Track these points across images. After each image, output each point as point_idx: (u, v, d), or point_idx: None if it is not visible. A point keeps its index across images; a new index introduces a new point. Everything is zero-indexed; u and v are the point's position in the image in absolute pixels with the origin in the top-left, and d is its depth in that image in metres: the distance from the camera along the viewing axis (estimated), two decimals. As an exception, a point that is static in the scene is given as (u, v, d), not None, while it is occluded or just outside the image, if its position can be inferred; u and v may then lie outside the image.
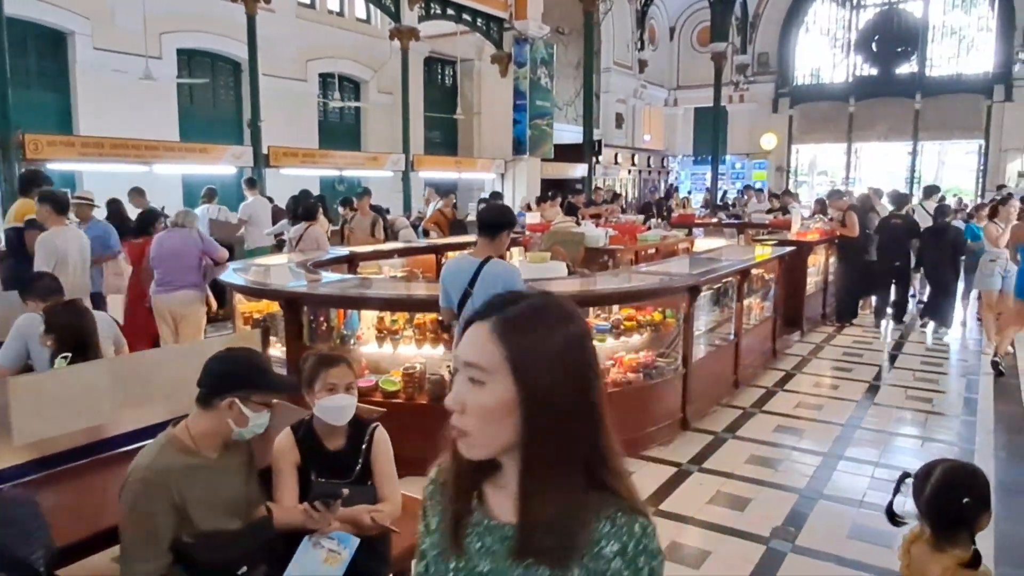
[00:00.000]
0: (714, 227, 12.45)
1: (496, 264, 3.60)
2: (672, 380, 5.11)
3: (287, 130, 12.56)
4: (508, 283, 3.51)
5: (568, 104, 22.83)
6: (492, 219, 3.73)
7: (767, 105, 27.90)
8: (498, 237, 3.68)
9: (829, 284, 9.77)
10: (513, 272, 3.59)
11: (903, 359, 7.55)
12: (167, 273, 5.85)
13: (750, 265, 6.34)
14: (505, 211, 3.83)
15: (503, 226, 3.68)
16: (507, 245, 3.77)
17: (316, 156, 12.35)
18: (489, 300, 1.09)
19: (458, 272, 3.69)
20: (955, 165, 27.22)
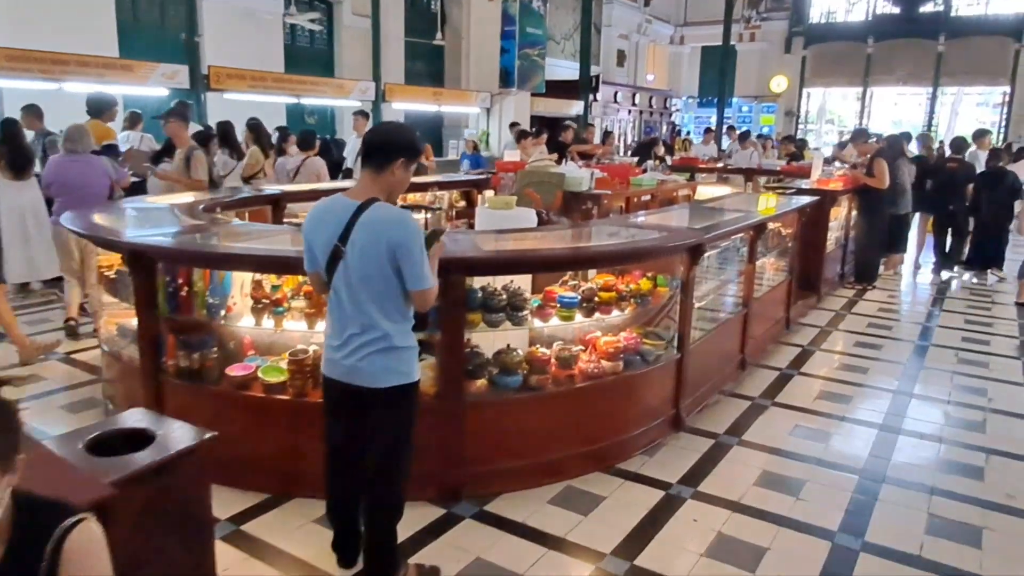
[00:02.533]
0: (720, 172, 11.10)
1: (380, 210, 2.38)
2: (662, 368, 3.89)
3: (245, 52, 11.06)
4: (397, 240, 2.32)
5: (566, 38, 21.11)
6: (380, 141, 2.46)
7: (779, 45, 26.18)
8: (387, 169, 2.42)
9: (849, 241, 8.50)
10: (405, 224, 2.36)
11: (947, 329, 6.35)
12: (73, 202, 5.06)
13: (768, 219, 5.05)
14: (401, 131, 2.54)
15: (397, 152, 2.43)
16: (406, 183, 2.50)
17: (268, 80, 10.85)
18: None
19: (324, 221, 2.45)
20: (968, 116, 25.59)
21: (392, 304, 2.41)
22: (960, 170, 8.53)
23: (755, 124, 25.86)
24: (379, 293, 2.37)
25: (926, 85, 24.33)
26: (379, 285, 2.36)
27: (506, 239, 3.82)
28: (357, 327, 2.42)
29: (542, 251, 3.48)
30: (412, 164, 2.48)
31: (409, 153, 2.45)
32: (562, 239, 3.95)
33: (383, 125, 3.04)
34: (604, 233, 4.04)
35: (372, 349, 2.41)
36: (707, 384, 4.53)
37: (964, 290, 8.25)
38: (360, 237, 2.34)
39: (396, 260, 2.32)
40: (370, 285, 2.37)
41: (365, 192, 2.42)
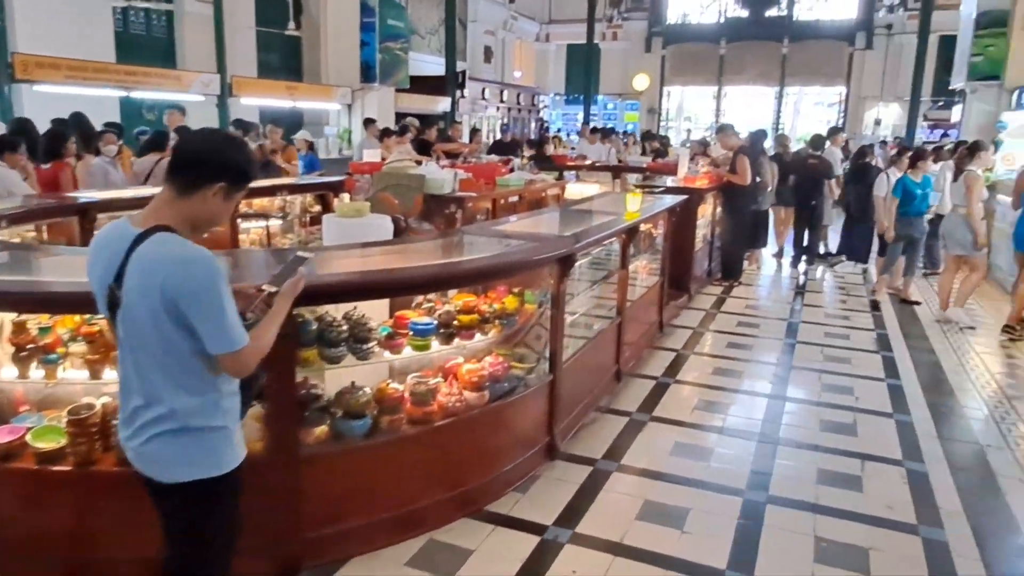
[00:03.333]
0: (588, 170, 10.98)
1: (159, 245, 1.77)
2: (534, 393, 3.50)
3: (67, 39, 9.70)
4: (177, 288, 1.74)
5: (431, 33, 20.54)
6: (192, 156, 1.87)
7: (640, 44, 26.88)
8: (195, 194, 1.83)
9: (715, 238, 8.56)
10: (190, 265, 1.76)
11: (809, 326, 6.41)
12: None
13: (640, 221, 4.79)
14: (226, 147, 1.91)
15: (214, 174, 1.83)
16: (220, 217, 1.92)
17: (89, 71, 9.58)
18: None
19: (99, 254, 1.86)
20: (808, 114, 27.46)
21: (183, 371, 1.82)
22: (819, 167, 8.85)
23: (620, 121, 26.47)
24: (160, 357, 1.81)
25: (773, 85, 25.77)
26: (157, 347, 1.80)
27: (352, 255, 3.30)
28: (141, 398, 1.85)
29: (389, 273, 2.96)
30: (235, 194, 1.89)
31: (232, 178, 1.85)
32: (418, 255, 3.45)
33: (202, 134, 2.18)
34: (465, 245, 3.60)
35: (159, 430, 1.83)
36: (582, 403, 4.20)
37: (821, 283, 8.52)
38: (133, 281, 1.76)
39: (181, 314, 1.75)
40: (147, 346, 1.80)
41: (153, 217, 1.81)
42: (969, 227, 6.35)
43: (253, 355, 1.86)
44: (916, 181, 6.92)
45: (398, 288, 2.94)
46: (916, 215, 6.98)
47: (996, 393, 4.97)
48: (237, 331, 1.80)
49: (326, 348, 2.72)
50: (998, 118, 9.77)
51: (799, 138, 23.95)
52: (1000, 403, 4.78)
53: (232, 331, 1.79)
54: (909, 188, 6.89)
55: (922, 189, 6.92)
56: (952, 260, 6.75)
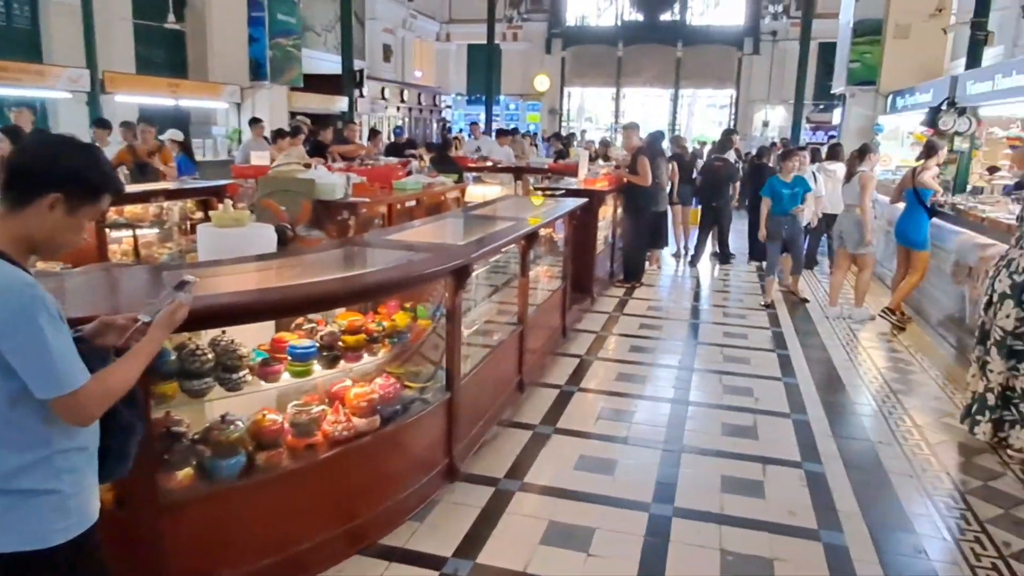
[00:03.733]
0: (489, 171, 10.84)
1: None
2: (430, 413, 3.29)
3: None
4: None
5: (327, 29, 19.88)
6: (24, 164, 1.59)
7: (540, 45, 27.05)
8: (26, 208, 1.56)
9: (616, 239, 8.59)
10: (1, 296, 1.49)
11: (710, 328, 6.48)
12: None
13: (540, 226, 4.65)
14: (65, 153, 1.61)
15: (49, 184, 1.56)
16: (63, 237, 1.61)
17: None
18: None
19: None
20: (701, 115, 28.53)
21: (3, 422, 1.53)
22: (724, 169, 9.13)
23: (522, 122, 26.56)
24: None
25: (669, 87, 26.51)
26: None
27: (225, 271, 2.98)
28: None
29: (261, 294, 2.67)
30: (82, 207, 1.60)
31: (71, 188, 1.56)
32: (298, 270, 3.16)
33: (36, 139, 1.85)
34: (353, 258, 3.34)
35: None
36: (483, 418, 4.02)
37: (721, 282, 8.71)
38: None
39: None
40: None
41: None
42: (862, 224, 6.60)
43: (95, 399, 1.56)
44: (785, 181, 7.12)
45: (267, 310, 2.64)
46: (781, 214, 7.15)
47: (883, 388, 5.14)
48: (68, 370, 1.50)
49: (188, 380, 2.41)
50: (875, 121, 10.31)
51: (694, 139, 24.84)
52: (887, 398, 4.94)
53: (60, 370, 1.49)
54: (776, 188, 7.12)
55: (790, 189, 7.11)
56: (843, 257, 7.01)
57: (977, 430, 4.24)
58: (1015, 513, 3.43)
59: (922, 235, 6.44)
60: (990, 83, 6.45)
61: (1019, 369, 4.08)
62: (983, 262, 5.58)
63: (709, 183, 9.25)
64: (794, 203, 7.11)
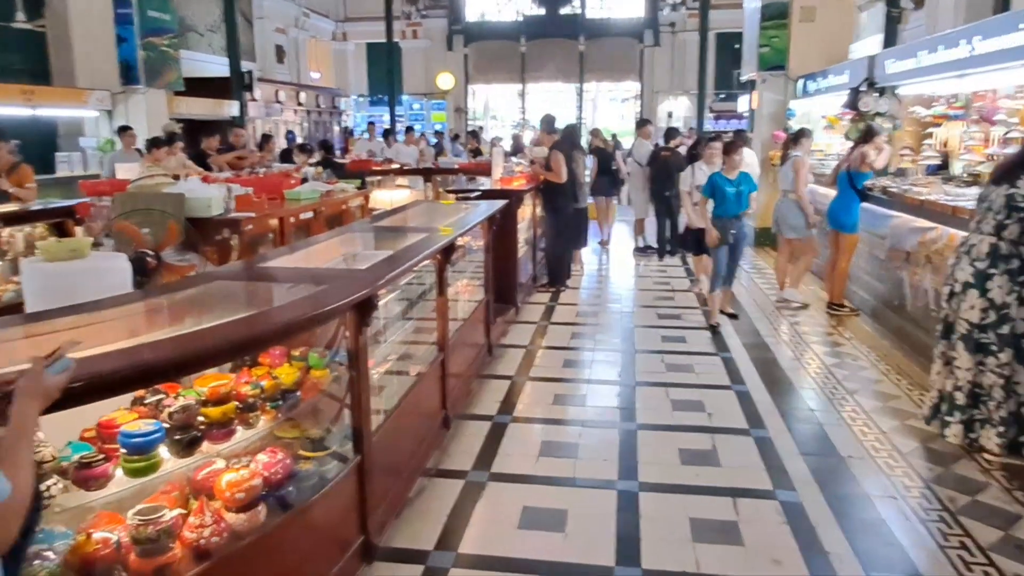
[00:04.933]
0: (396, 174, 10.09)
1: None
2: (336, 486, 2.57)
3: None
4: None
5: (212, 30, 18.47)
6: None
7: (441, 42, 26.33)
8: None
9: (537, 240, 8.04)
10: None
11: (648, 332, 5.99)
12: None
13: (457, 236, 3.97)
14: None
15: None
16: None
17: None
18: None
19: None
20: (605, 108, 28.55)
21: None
22: (673, 159, 8.85)
23: (428, 121, 25.78)
24: None
25: (573, 81, 26.35)
26: None
27: (32, 329, 2.18)
28: None
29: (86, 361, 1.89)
30: None
31: None
32: (139, 319, 2.38)
33: None
34: (216, 296, 2.58)
35: None
36: (404, 474, 3.34)
37: (643, 278, 8.28)
38: None
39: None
40: None
41: None
42: (800, 210, 6.41)
43: (13, 514, 1.15)
44: (729, 178, 6.02)
45: (93, 389, 1.87)
46: (730, 216, 6.00)
47: (837, 389, 4.76)
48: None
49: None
50: (786, 106, 10.19)
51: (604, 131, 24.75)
52: (844, 399, 4.56)
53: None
54: (719, 186, 6.00)
55: (734, 187, 5.98)
56: (785, 243, 6.80)
57: (948, 432, 3.88)
58: (1017, 535, 3.04)
59: (853, 218, 6.22)
60: (913, 60, 6.25)
61: (986, 364, 3.73)
62: (922, 246, 5.32)
63: (659, 173, 8.99)
64: (740, 204, 5.99)
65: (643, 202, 9.67)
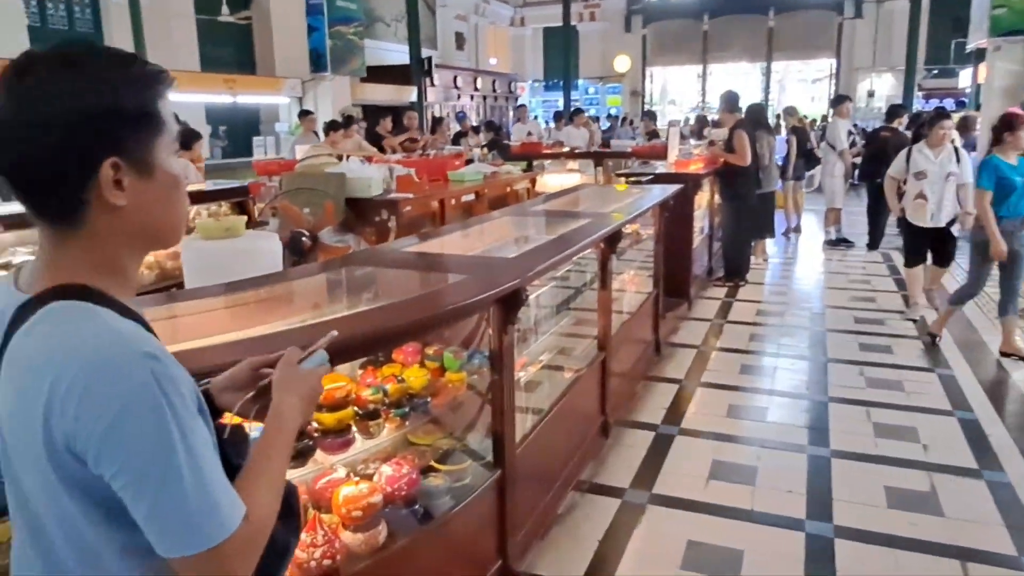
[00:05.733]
0: (565, 157, 9.75)
1: (52, 329, 0.82)
2: (472, 504, 2.26)
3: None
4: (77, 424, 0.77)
5: (397, 20, 19.20)
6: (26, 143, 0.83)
7: (620, 23, 25.60)
8: (82, 205, 0.86)
9: (714, 230, 7.34)
10: (101, 378, 0.77)
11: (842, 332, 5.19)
12: None
13: (625, 222, 3.51)
14: (60, 85, 0.82)
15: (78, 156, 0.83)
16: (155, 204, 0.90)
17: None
18: None
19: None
20: (797, 90, 26.28)
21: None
22: (893, 139, 7.74)
23: (602, 106, 25.28)
24: (61, 546, 0.85)
25: (760, 61, 24.60)
26: (54, 528, 0.85)
27: (164, 311, 2.04)
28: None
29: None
30: (155, 154, 0.90)
31: (121, 134, 0.86)
32: (259, 307, 2.18)
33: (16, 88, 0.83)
34: (343, 284, 2.33)
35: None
36: (553, 487, 2.97)
37: (835, 275, 7.30)
38: (6, 400, 0.84)
39: (85, 475, 0.81)
40: (42, 526, 0.86)
41: (49, 271, 0.88)
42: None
43: (248, 545, 0.87)
44: (1011, 164, 4.54)
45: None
46: (1014, 216, 4.57)
47: (1102, 426, 3.77)
48: (212, 508, 0.82)
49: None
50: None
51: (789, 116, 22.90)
52: (1114, 443, 3.58)
53: (201, 509, 0.81)
54: (1005, 174, 4.53)
55: (1022, 175, 4.55)
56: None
57: None
58: None
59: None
60: None
61: None
62: None
63: (875, 156, 7.88)
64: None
65: (837, 189, 8.58)
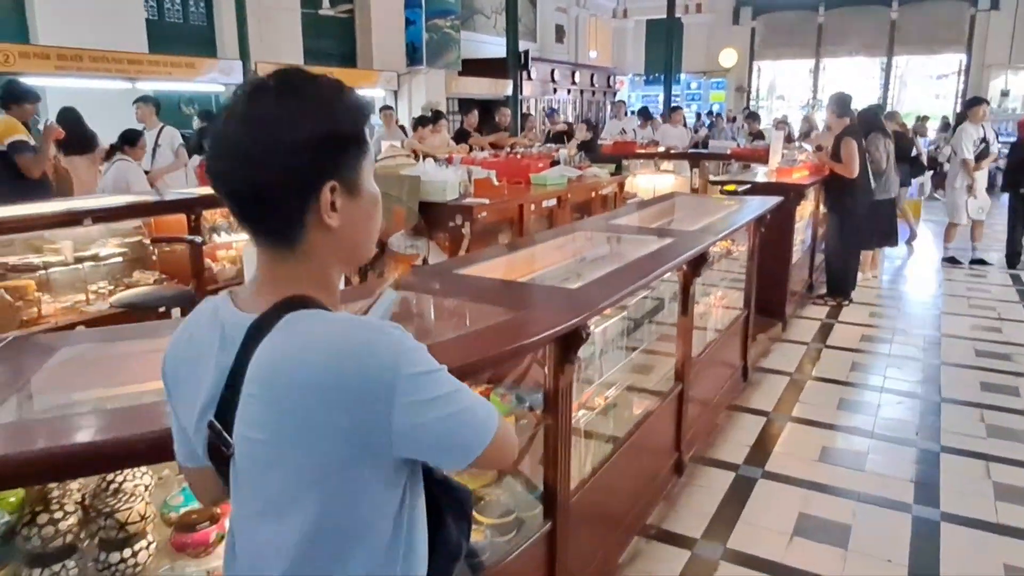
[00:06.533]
0: (660, 158, 9.34)
1: (302, 337, 0.88)
2: (516, 561, 2.03)
3: (92, 28, 8.80)
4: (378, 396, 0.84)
5: (497, 12, 19.12)
6: (247, 168, 0.89)
7: (727, 16, 24.56)
8: (303, 227, 0.92)
9: (818, 241, 6.78)
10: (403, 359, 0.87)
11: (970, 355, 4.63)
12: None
13: (710, 245, 3.17)
14: (297, 111, 0.89)
15: (303, 181, 0.90)
16: (361, 223, 0.97)
17: (108, 60, 8.65)
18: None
19: (188, 363, 0.97)
20: (920, 87, 24.37)
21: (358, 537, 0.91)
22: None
23: (705, 101, 24.40)
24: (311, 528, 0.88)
25: (880, 55, 23.03)
26: (313, 510, 0.88)
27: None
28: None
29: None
30: (362, 175, 0.96)
31: (337, 158, 0.92)
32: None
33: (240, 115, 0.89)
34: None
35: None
36: (616, 533, 2.71)
37: (954, 298, 6.61)
38: (263, 408, 0.86)
39: (390, 446, 0.88)
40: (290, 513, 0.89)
41: (268, 287, 0.94)
42: None
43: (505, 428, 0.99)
44: None
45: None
46: None
47: None
48: (481, 403, 0.96)
49: (29, 567, 1.34)
50: None
51: (906, 114, 21.35)
52: None
53: (480, 407, 0.95)
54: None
55: None
56: None
57: None
58: None
59: None
60: None
61: None
62: None
63: (1018, 164, 7.36)
64: None
65: (958, 202, 7.75)
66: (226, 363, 0.90)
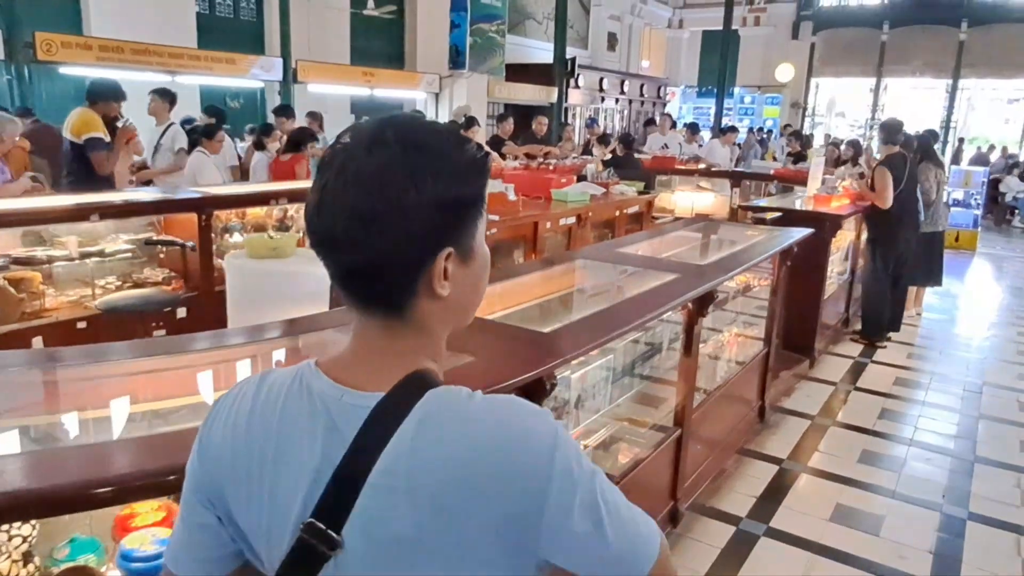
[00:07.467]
0: (699, 175, 9.04)
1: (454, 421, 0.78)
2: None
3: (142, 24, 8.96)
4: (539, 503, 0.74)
5: (549, 18, 18.97)
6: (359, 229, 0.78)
7: (786, 30, 23.93)
8: (416, 297, 0.83)
9: (856, 272, 6.41)
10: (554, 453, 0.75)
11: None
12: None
13: (718, 283, 2.93)
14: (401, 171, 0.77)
15: (417, 251, 0.80)
16: (469, 286, 0.87)
17: (150, 53, 8.75)
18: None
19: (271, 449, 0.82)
20: (988, 111, 23.24)
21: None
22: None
23: (758, 116, 23.82)
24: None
25: (946, 77, 22.13)
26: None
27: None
28: None
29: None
30: (476, 239, 0.86)
31: (455, 226, 0.82)
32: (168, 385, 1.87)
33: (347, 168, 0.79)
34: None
35: None
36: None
37: (1008, 344, 6.18)
38: (402, 505, 0.75)
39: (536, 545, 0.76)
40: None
41: (372, 366, 0.83)
42: None
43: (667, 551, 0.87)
44: None
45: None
46: None
47: None
48: (644, 519, 0.85)
49: None
50: None
51: (971, 140, 20.44)
52: None
53: (643, 523, 0.84)
54: None
55: None
56: None
57: None
58: None
59: None
60: None
61: None
62: None
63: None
64: None
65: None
66: (338, 450, 0.78)
